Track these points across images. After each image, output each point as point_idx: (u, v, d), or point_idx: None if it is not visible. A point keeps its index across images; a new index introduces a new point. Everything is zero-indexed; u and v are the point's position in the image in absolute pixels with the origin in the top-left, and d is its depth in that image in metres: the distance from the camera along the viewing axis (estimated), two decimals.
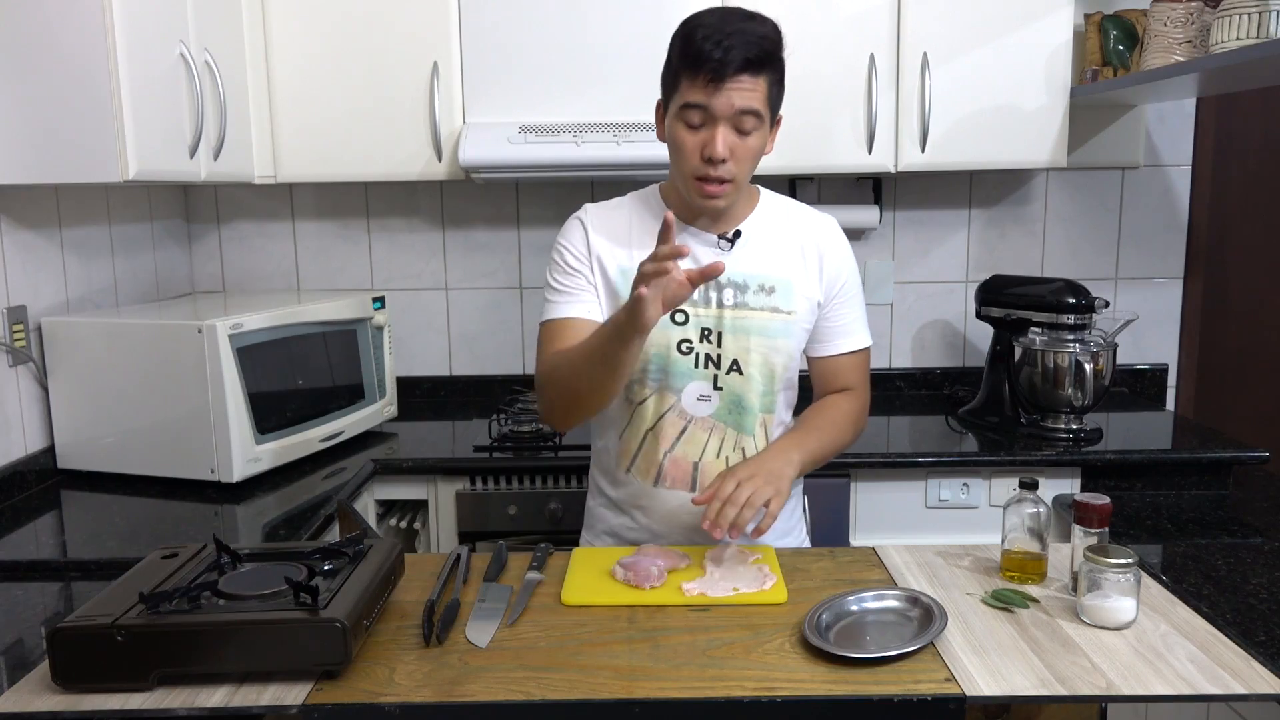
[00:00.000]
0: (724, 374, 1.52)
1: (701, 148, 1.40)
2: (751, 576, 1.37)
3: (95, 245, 2.27)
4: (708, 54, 1.35)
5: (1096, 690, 1.10)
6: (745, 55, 1.35)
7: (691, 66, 1.37)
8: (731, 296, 1.51)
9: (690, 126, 1.41)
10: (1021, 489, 1.40)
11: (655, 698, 1.09)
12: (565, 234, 1.57)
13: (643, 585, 1.35)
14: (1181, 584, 1.44)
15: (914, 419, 2.56)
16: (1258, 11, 1.86)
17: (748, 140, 1.41)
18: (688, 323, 1.51)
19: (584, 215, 1.57)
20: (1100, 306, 2.30)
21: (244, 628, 1.11)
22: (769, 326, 1.51)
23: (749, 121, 1.39)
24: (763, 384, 1.53)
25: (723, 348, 1.51)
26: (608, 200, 1.61)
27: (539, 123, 2.33)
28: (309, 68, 2.37)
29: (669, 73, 1.44)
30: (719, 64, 1.35)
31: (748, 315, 1.51)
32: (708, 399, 1.52)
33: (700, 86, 1.37)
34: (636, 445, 1.56)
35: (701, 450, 1.54)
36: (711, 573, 1.39)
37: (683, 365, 1.51)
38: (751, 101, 1.38)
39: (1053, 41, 2.37)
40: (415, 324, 2.81)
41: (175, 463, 1.97)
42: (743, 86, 1.37)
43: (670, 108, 1.44)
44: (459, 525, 2.25)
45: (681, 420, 1.53)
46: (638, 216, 1.55)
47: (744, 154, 1.42)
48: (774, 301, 1.52)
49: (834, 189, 2.75)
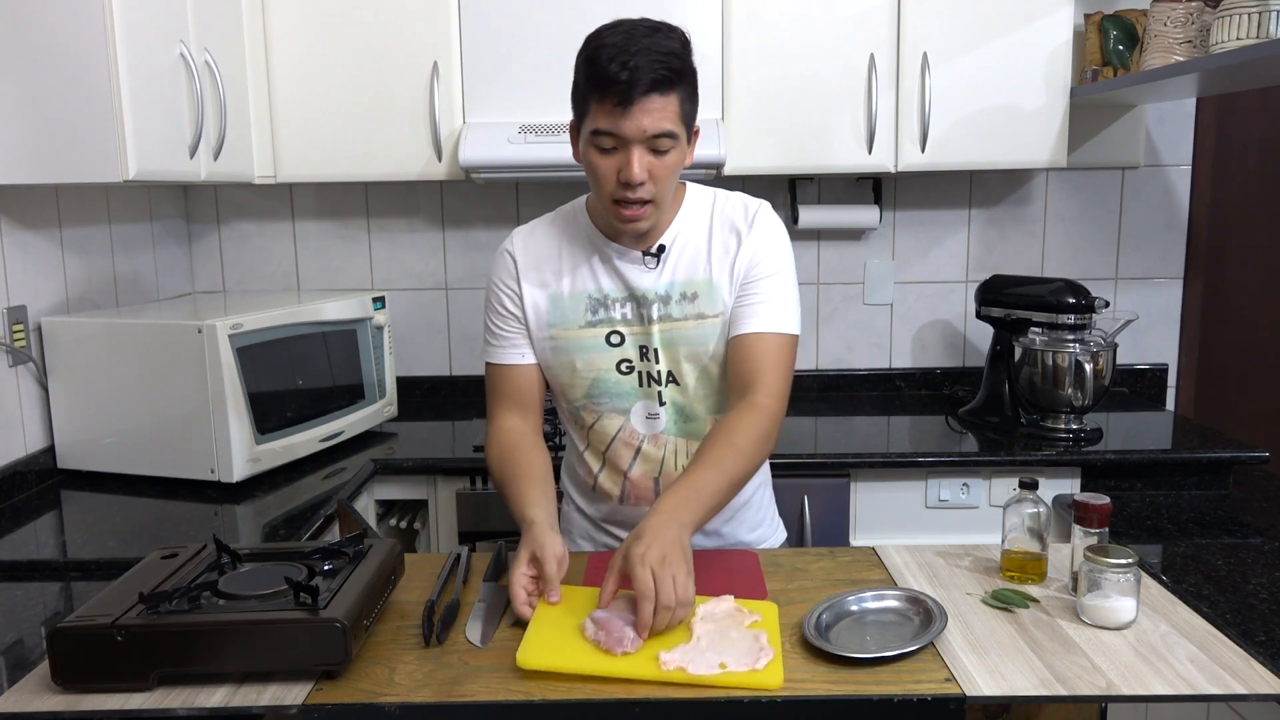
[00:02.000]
0: (664, 388, 1.49)
1: (617, 172, 1.35)
2: (744, 648, 1.15)
3: (95, 245, 2.26)
4: (614, 76, 1.28)
5: (1096, 690, 1.10)
6: (652, 77, 1.29)
7: (598, 90, 1.31)
8: (657, 310, 1.47)
9: (603, 151, 1.35)
10: (1021, 489, 1.40)
11: (655, 698, 1.09)
12: (495, 270, 1.53)
13: (614, 650, 1.14)
14: (1181, 584, 1.44)
15: (914, 419, 2.56)
16: (1258, 11, 1.86)
17: (665, 159, 1.35)
18: (624, 343, 1.48)
19: (510, 247, 1.53)
20: (1100, 306, 2.30)
21: (244, 628, 1.11)
22: (696, 334, 1.47)
23: (664, 142, 1.34)
24: (703, 389, 1.50)
25: (659, 363, 1.48)
26: (534, 221, 1.56)
27: (539, 123, 2.33)
28: (309, 68, 2.37)
29: (577, 95, 1.38)
30: (626, 86, 1.28)
31: (674, 326, 1.47)
32: (656, 416, 1.50)
33: (608, 111, 1.31)
34: (598, 467, 1.56)
35: (659, 465, 1.52)
36: (698, 638, 1.17)
37: (626, 385, 1.49)
38: (663, 123, 1.32)
39: (1053, 41, 2.37)
40: (415, 324, 2.81)
41: (175, 463, 1.97)
42: (652, 108, 1.31)
43: (582, 132, 1.38)
44: (459, 525, 2.25)
45: (634, 440, 1.51)
46: (565, 238, 1.51)
47: (662, 173, 1.36)
48: (698, 308, 1.47)
49: (834, 189, 2.75)
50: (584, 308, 1.48)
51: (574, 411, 1.54)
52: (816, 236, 2.76)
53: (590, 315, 1.48)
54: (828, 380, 2.83)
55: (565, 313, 1.48)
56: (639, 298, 1.47)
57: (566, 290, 1.48)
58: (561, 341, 1.49)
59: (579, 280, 1.48)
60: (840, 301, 2.80)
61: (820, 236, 2.76)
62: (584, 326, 1.48)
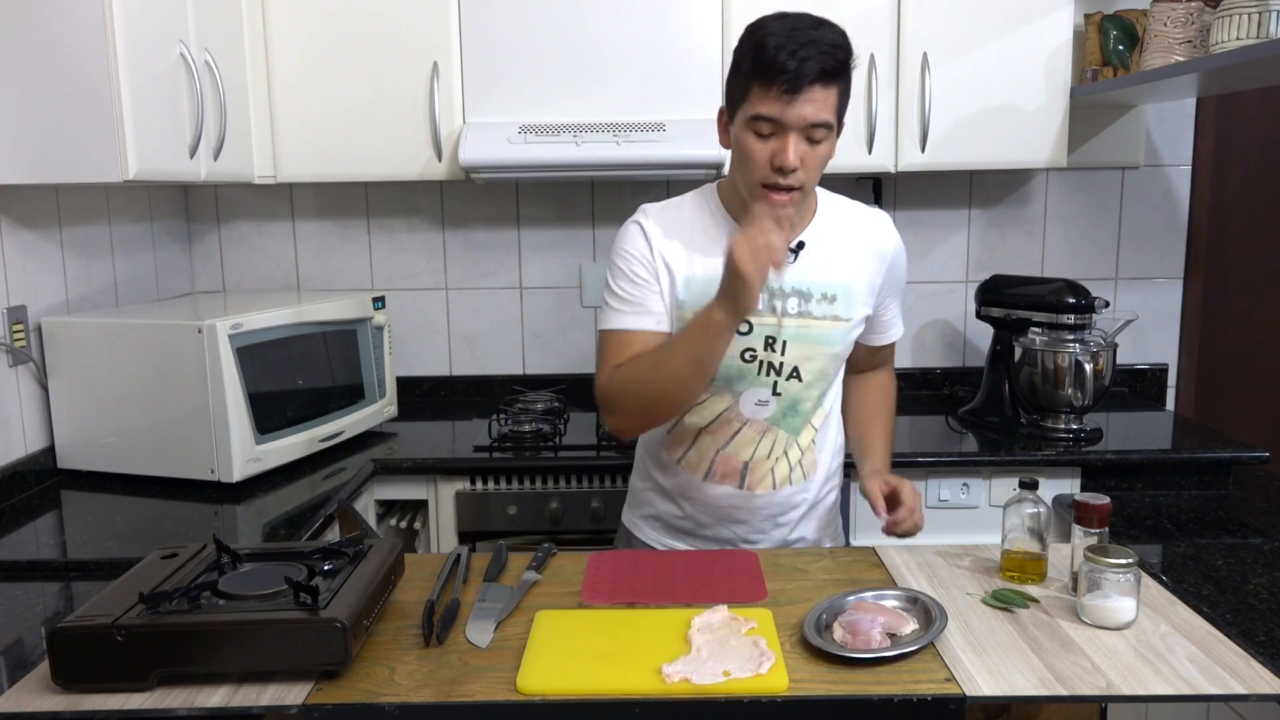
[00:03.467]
0: (784, 380, 1.53)
1: (772, 157, 1.38)
2: (745, 655, 1.16)
3: (95, 245, 2.27)
4: (782, 65, 1.32)
5: (1096, 690, 1.10)
6: (821, 66, 1.33)
7: (764, 77, 1.34)
8: (795, 305, 1.51)
9: (760, 136, 1.39)
10: (1021, 489, 1.40)
11: (655, 697, 1.09)
12: (628, 240, 1.53)
13: (862, 648, 1.16)
14: (1181, 584, 1.44)
15: (914, 419, 2.56)
16: (1258, 11, 1.86)
17: (818, 149, 1.40)
18: (751, 332, 1.50)
19: (643, 220, 1.54)
20: (1100, 306, 2.30)
21: (244, 628, 1.11)
22: (830, 334, 1.53)
23: (820, 132, 1.38)
24: (819, 388, 1.56)
25: (785, 355, 1.52)
26: (665, 200, 1.58)
27: (539, 123, 2.33)
28: (309, 68, 2.37)
29: (738, 81, 1.41)
30: (795, 76, 1.32)
31: (811, 325, 1.52)
32: (765, 404, 1.54)
33: (774, 98, 1.35)
34: (690, 440, 1.57)
35: (753, 450, 1.56)
36: (698, 649, 1.17)
37: (745, 372, 1.52)
38: (824, 113, 1.36)
39: (1053, 41, 2.37)
40: (415, 324, 2.81)
41: (175, 463, 1.97)
42: (816, 98, 1.35)
43: (738, 116, 1.41)
44: (459, 525, 2.25)
45: (737, 422, 1.54)
46: (698, 220, 1.53)
47: (813, 162, 1.40)
48: (835, 310, 1.53)
49: (834, 189, 2.73)
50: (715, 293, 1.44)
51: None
52: None
53: None
54: None
55: (695, 294, 1.48)
56: (774, 289, 1.50)
57: (700, 271, 1.49)
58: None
59: (711, 265, 1.46)
60: None
61: None
62: None
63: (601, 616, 1.29)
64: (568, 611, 1.31)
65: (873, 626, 1.19)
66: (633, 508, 1.72)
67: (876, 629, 1.19)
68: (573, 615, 1.29)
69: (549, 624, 1.26)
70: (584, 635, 1.22)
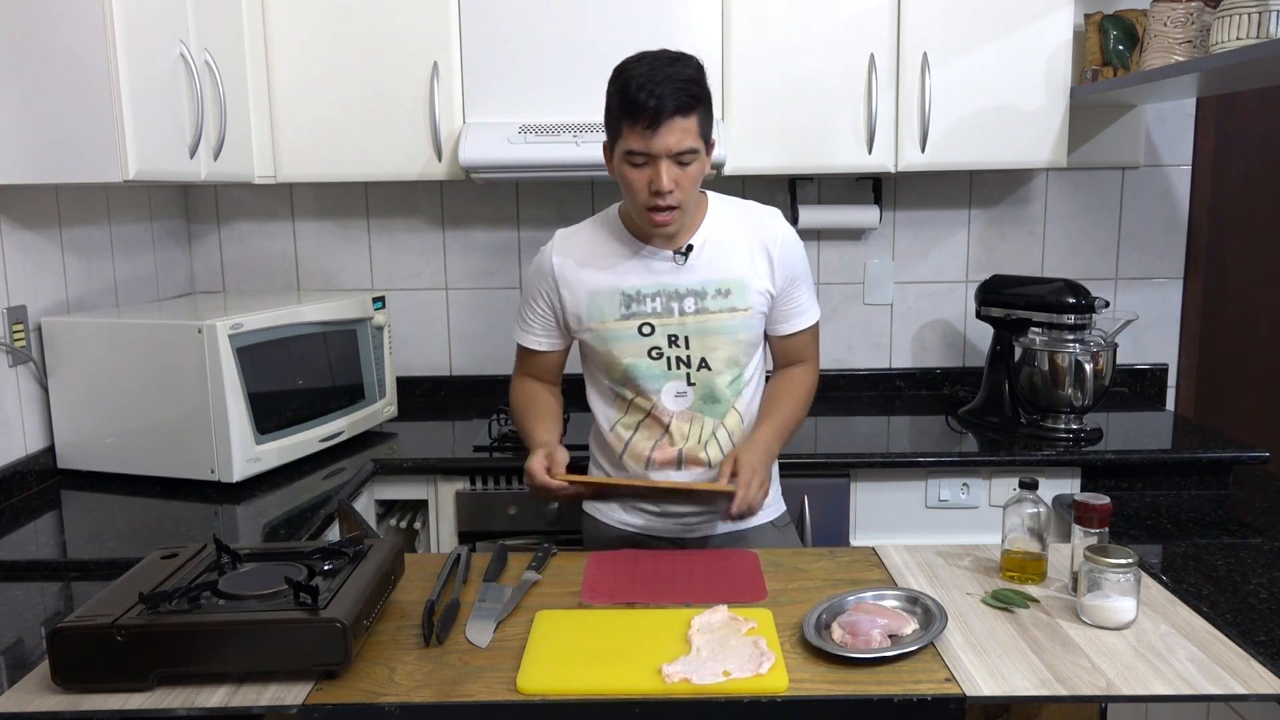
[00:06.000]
0: (695, 371, 1.67)
1: (648, 184, 1.54)
2: (745, 655, 1.16)
3: (95, 245, 2.27)
4: (642, 104, 1.48)
5: (1096, 690, 1.10)
6: (675, 103, 1.49)
7: (630, 116, 1.51)
8: (692, 304, 1.66)
9: (635, 166, 1.55)
10: (1021, 489, 1.40)
11: (655, 697, 1.09)
12: (536, 269, 1.74)
13: (862, 648, 1.17)
14: (1181, 584, 1.44)
15: (914, 419, 2.56)
16: (1258, 11, 1.86)
17: (688, 170, 1.55)
18: (654, 333, 1.66)
19: (551, 250, 1.73)
20: (1100, 306, 2.30)
21: (244, 628, 1.11)
22: (729, 324, 1.66)
23: (687, 156, 1.54)
24: (730, 374, 1.69)
25: (690, 349, 1.66)
26: (576, 225, 1.76)
27: (539, 123, 2.33)
28: (309, 68, 2.37)
29: (610, 119, 1.57)
30: (654, 112, 1.48)
31: (709, 318, 1.66)
32: (684, 395, 1.68)
33: (639, 133, 1.51)
34: (628, 437, 1.73)
35: (685, 438, 1.70)
36: (698, 649, 1.18)
37: (655, 370, 1.67)
38: (686, 141, 1.52)
39: (1053, 41, 2.37)
40: (415, 324, 2.81)
41: (175, 463, 1.97)
42: (676, 129, 1.51)
43: (615, 151, 1.57)
44: (459, 525, 2.25)
45: (664, 416, 1.69)
46: (600, 240, 1.70)
47: (686, 182, 1.56)
48: (731, 302, 1.66)
49: (834, 189, 2.75)
50: (618, 303, 1.66)
51: (615, 388, 1.72)
52: (816, 236, 2.76)
53: (624, 310, 1.66)
54: (828, 380, 2.82)
55: (602, 308, 1.67)
56: (670, 292, 1.66)
57: (603, 287, 1.67)
58: (599, 332, 1.68)
59: (613, 278, 1.67)
60: (840, 301, 2.80)
61: (820, 236, 2.76)
62: (618, 320, 1.66)
63: (601, 616, 1.29)
64: (568, 611, 1.31)
65: (872, 627, 1.19)
66: (592, 505, 1.85)
67: (876, 630, 1.19)
68: (573, 615, 1.29)
69: (549, 624, 1.26)
70: (584, 635, 1.23)
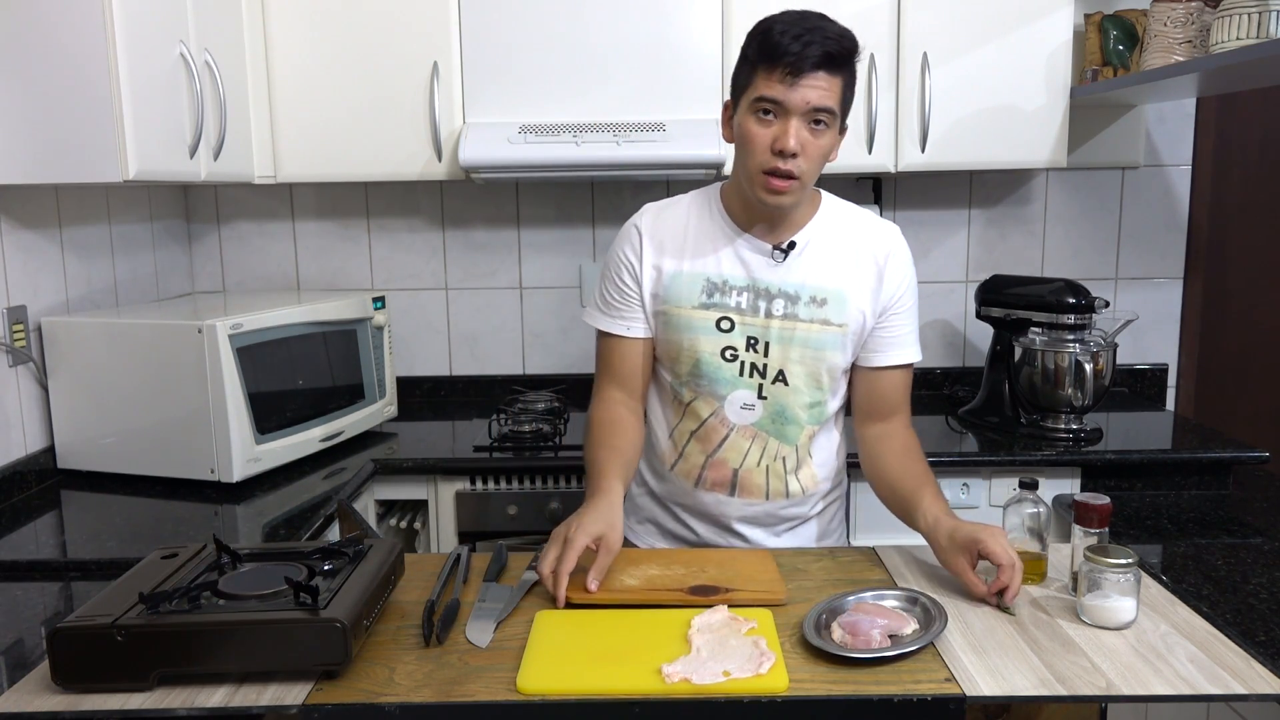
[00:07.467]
0: (769, 383, 1.52)
1: (773, 141, 1.39)
2: (746, 654, 1.15)
3: (95, 245, 2.26)
4: (786, 48, 1.35)
5: (1096, 690, 1.10)
6: (825, 50, 1.35)
7: (769, 60, 1.37)
8: (782, 307, 1.50)
9: (762, 119, 1.40)
10: (1021, 489, 1.40)
11: (655, 697, 1.09)
12: (622, 242, 1.58)
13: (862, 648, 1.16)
14: (1181, 584, 1.44)
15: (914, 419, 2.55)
16: (1258, 11, 1.86)
17: (819, 139, 1.40)
18: (733, 330, 1.51)
19: (640, 220, 1.57)
20: (1100, 306, 2.30)
21: (244, 628, 1.11)
22: (818, 338, 1.51)
23: (823, 118, 1.39)
24: (809, 395, 1.53)
25: (769, 357, 1.51)
26: (668, 199, 1.61)
27: (539, 123, 2.33)
28: (309, 68, 2.37)
29: (744, 68, 1.43)
30: (797, 59, 1.35)
31: (796, 326, 1.50)
32: (751, 407, 1.53)
33: (777, 80, 1.37)
34: (681, 446, 1.58)
35: (743, 458, 1.55)
36: (697, 649, 1.17)
37: (726, 372, 1.52)
38: (826, 100, 1.38)
39: (1053, 41, 2.37)
40: (415, 324, 2.81)
41: (175, 463, 1.97)
42: (819, 84, 1.36)
43: (742, 103, 1.43)
44: (459, 525, 2.25)
45: (724, 428, 1.54)
46: (694, 218, 1.55)
47: (814, 152, 1.41)
48: (825, 314, 1.51)
49: (834, 189, 2.72)
50: (699, 289, 1.51)
51: (675, 387, 1.57)
52: None
53: (705, 297, 1.51)
54: None
55: (680, 290, 1.52)
56: (761, 289, 1.50)
57: (687, 269, 1.52)
58: (673, 318, 1.52)
59: (700, 261, 1.51)
60: None
61: None
62: (696, 307, 1.51)
63: (601, 616, 1.28)
64: (568, 611, 1.30)
65: (872, 627, 1.19)
66: (629, 513, 1.69)
67: (876, 630, 1.19)
68: (573, 615, 1.29)
69: (549, 624, 1.26)
70: (584, 635, 1.22)
